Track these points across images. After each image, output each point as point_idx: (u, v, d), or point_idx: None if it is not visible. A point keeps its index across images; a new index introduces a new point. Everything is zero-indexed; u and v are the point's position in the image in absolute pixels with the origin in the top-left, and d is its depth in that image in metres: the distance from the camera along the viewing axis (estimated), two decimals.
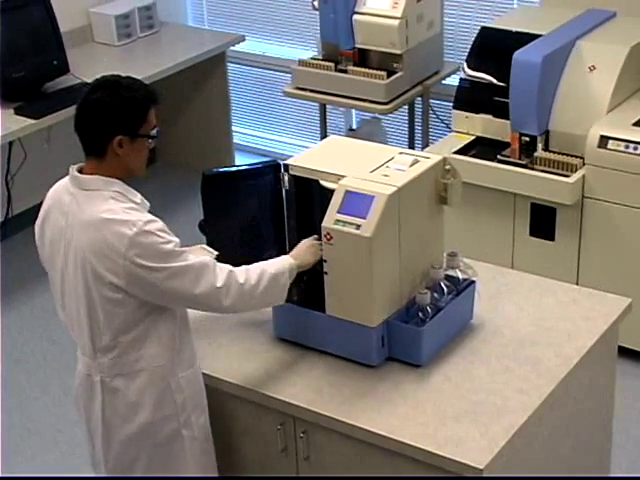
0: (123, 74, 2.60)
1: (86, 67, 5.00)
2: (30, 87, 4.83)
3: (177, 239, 2.55)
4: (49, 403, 4.21)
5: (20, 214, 5.30)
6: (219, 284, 2.55)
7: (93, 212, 2.50)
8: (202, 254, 2.75)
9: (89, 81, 2.65)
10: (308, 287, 2.82)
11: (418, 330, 2.69)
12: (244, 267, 2.62)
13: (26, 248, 5.02)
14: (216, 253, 2.77)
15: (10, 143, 5.02)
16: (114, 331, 2.57)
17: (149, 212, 2.57)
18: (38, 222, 2.67)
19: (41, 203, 2.68)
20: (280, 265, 2.67)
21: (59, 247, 2.59)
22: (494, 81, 4.21)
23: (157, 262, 2.48)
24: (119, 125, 2.51)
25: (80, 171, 2.57)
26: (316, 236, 2.74)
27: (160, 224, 2.52)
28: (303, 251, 2.75)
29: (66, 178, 2.62)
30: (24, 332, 4.67)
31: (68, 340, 2.73)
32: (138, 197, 2.58)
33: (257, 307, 2.72)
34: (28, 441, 4.03)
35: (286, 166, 2.78)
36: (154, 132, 2.59)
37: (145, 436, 2.65)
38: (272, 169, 2.83)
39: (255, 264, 2.66)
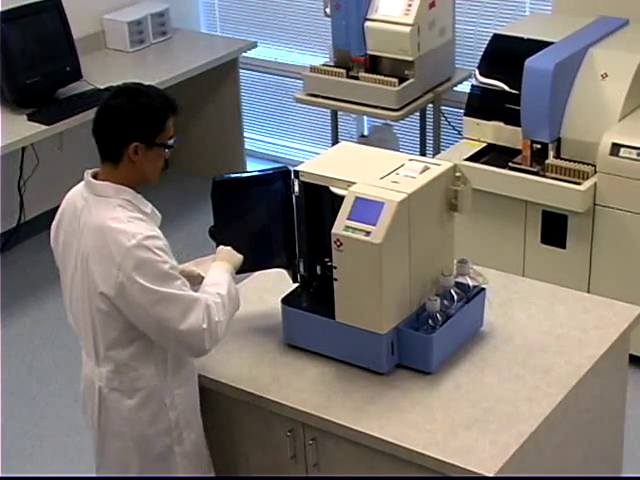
0: (145, 82, 2.64)
1: (99, 73, 5.01)
2: (43, 93, 4.84)
3: (175, 262, 2.52)
4: (59, 409, 4.21)
5: (32, 219, 5.32)
6: (205, 325, 2.50)
7: (99, 218, 2.50)
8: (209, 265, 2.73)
9: (102, 87, 2.67)
10: (318, 293, 2.82)
11: (428, 337, 2.69)
12: (204, 298, 2.52)
13: (38, 254, 5.05)
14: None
15: (23, 149, 5.04)
16: (107, 344, 2.57)
17: (161, 224, 2.56)
18: (54, 225, 2.68)
19: (53, 208, 2.70)
20: (225, 280, 2.62)
21: (71, 251, 2.59)
22: (506, 88, 4.20)
23: (149, 281, 2.44)
24: (135, 132, 2.51)
25: (95, 176, 2.58)
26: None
27: (161, 242, 2.49)
28: (227, 254, 2.72)
29: (82, 182, 2.62)
30: (35, 338, 4.67)
31: (78, 346, 2.73)
32: (149, 207, 2.58)
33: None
34: (38, 447, 4.03)
35: (296, 172, 2.78)
36: (171, 142, 2.59)
37: (137, 449, 2.64)
38: (282, 175, 2.83)
39: (208, 288, 2.58)
